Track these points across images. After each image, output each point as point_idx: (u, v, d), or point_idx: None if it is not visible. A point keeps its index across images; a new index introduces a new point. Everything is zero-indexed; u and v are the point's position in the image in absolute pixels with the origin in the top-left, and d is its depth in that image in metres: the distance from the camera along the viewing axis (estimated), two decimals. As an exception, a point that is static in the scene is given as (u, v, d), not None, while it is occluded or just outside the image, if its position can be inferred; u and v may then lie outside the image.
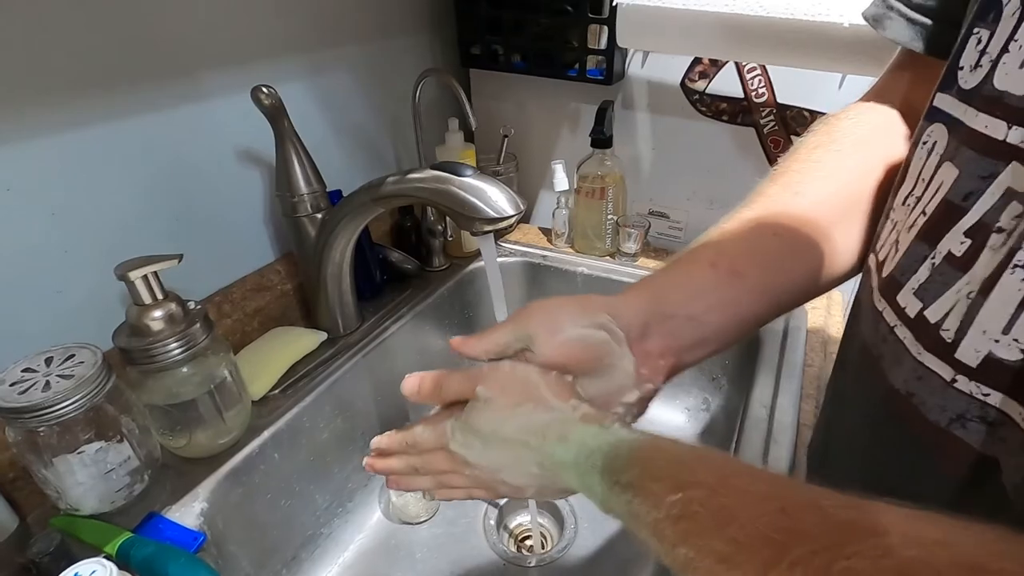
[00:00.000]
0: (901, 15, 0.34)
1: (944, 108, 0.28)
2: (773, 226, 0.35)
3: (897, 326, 0.28)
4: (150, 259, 0.43)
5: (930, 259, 0.26)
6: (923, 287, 0.26)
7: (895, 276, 0.29)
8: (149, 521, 0.44)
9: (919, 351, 0.26)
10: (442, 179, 0.46)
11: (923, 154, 0.29)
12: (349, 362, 0.63)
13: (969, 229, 0.25)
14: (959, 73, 0.27)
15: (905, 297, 0.27)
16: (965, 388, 0.24)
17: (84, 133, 0.47)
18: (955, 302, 0.24)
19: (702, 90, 0.76)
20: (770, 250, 0.35)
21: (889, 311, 0.28)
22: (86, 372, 0.40)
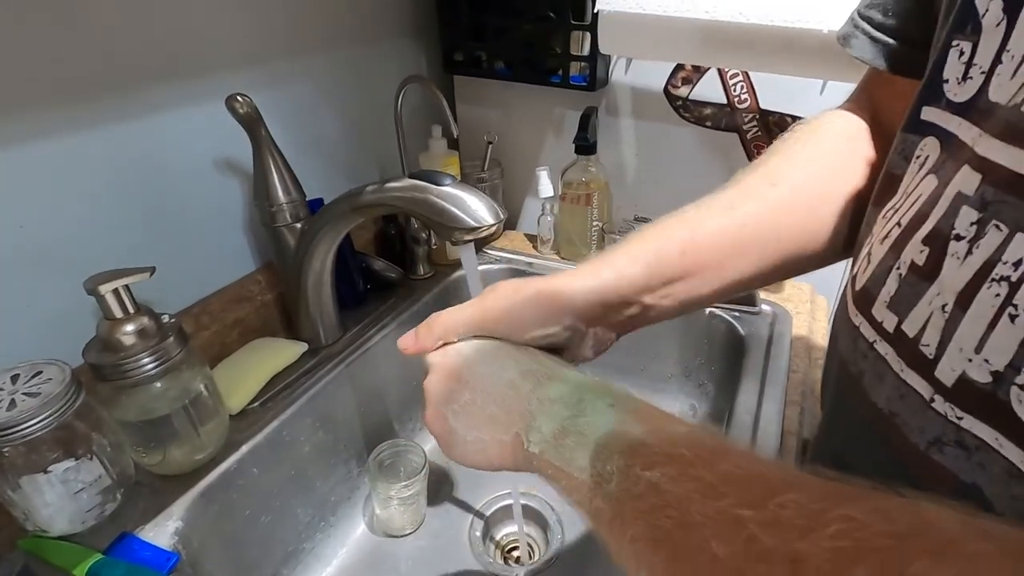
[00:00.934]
0: (865, 34, 0.35)
1: (935, 121, 0.28)
2: (744, 215, 0.35)
3: (877, 341, 0.27)
4: (121, 272, 0.42)
5: (896, 269, 0.26)
6: (894, 299, 0.26)
7: (868, 289, 0.28)
8: (121, 541, 0.42)
9: (901, 367, 0.25)
10: (420, 188, 0.45)
11: (915, 168, 0.29)
12: (331, 373, 0.62)
13: (926, 237, 0.24)
14: (945, 86, 0.27)
15: (880, 311, 0.27)
16: (941, 409, 0.23)
17: (52, 143, 0.46)
18: (929, 314, 0.24)
19: (685, 96, 0.76)
20: (740, 240, 0.35)
21: (867, 326, 0.28)
22: (53, 389, 0.39)
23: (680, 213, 0.37)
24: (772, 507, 0.19)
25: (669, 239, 0.35)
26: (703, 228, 0.35)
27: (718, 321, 0.70)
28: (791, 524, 0.18)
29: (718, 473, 0.21)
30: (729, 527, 0.19)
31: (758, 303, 0.70)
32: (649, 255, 0.34)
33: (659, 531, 0.22)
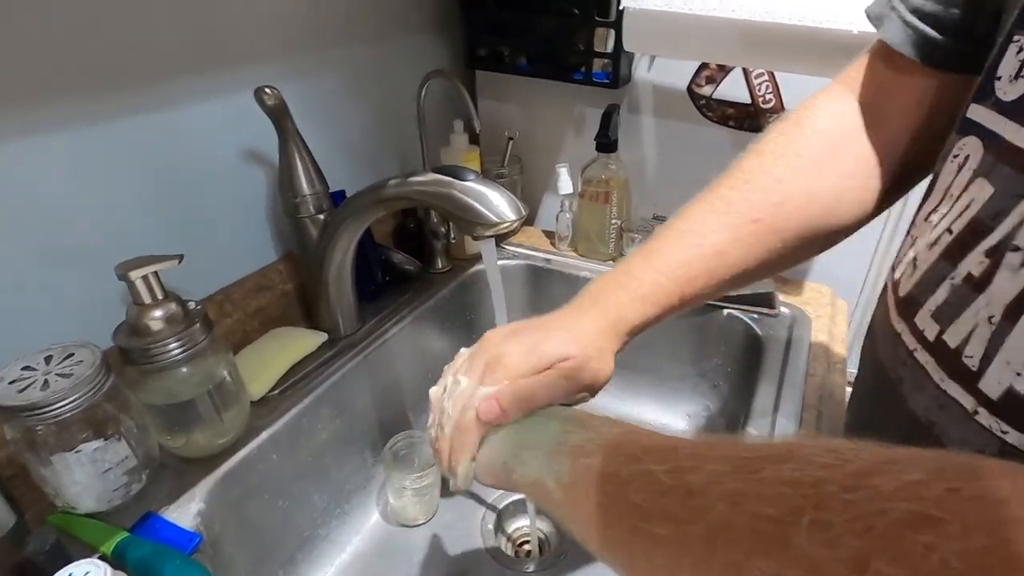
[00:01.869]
0: (900, 17, 0.34)
1: (979, 120, 0.27)
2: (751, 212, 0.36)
3: (917, 350, 0.27)
4: (150, 259, 0.43)
5: (950, 280, 0.25)
6: (940, 309, 0.26)
7: (914, 296, 0.28)
8: (146, 521, 0.44)
9: (942, 378, 0.25)
10: (443, 183, 0.46)
11: (953, 169, 0.28)
12: (349, 363, 0.63)
13: (990, 249, 0.23)
14: (996, 84, 0.26)
15: (923, 319, 0.27)
16: (985, 422, 0.23)
17: (86, 131, 0.47)
18: (974, 325, 0.23)
19: (708, 95, 0.75)
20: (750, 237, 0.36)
21: (908, 333, 0.28)
22: (85, 371, 0.40)
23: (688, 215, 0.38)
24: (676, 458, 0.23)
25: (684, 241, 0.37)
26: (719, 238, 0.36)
27: (735, 322, 0.70)
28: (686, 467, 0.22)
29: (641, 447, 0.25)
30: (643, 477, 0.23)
31: (777, 305, 0.69)
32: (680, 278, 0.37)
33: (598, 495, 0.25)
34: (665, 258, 0.37)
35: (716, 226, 0.36)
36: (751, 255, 0.36)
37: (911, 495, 0.15)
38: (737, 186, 0.37)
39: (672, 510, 0.21)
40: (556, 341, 0.35)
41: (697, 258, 0.36)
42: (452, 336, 0.79)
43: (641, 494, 0.23)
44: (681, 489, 0.21)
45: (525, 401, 0.33)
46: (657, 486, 0.22)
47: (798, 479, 0.18)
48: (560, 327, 0.36)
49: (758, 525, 0.18)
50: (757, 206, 0.36)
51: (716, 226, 0.36)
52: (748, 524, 0.18)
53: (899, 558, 0.14)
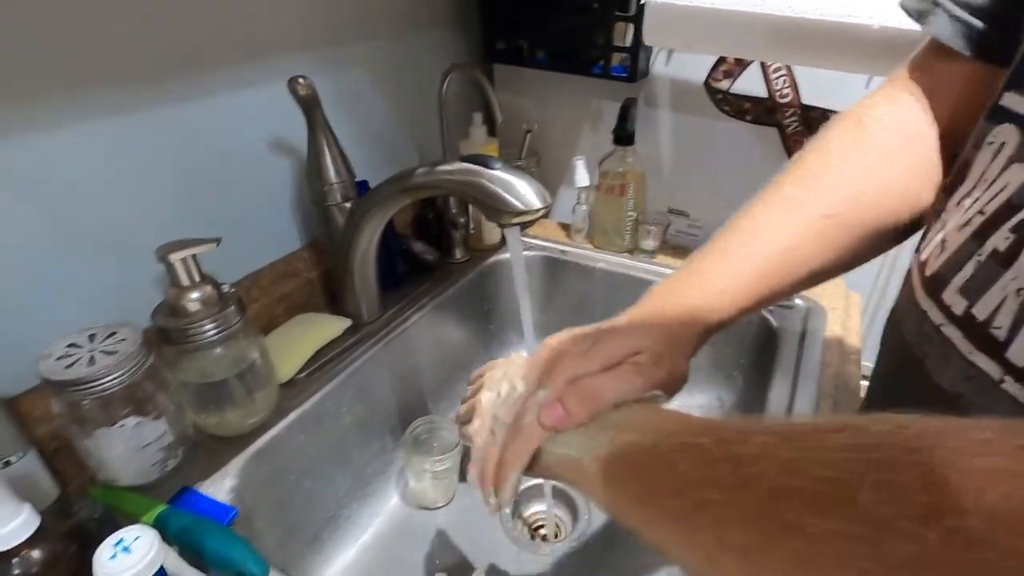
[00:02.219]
0: (946, 11, 0.34)
1: (1015, 108, 0.27)
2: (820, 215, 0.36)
3: (944, 324, 0.28)
4: (189, 242, 0.45)
5: (976, 256, 0.26)
6: (967, 284, 0.27)
7: (941, 275, 0.29)
8: (183, 494, 0.45)
9: (970, 350, 0.26)
10: (472, 171, 0.47)
11: (988, 156, 0.28)
12: (371, 350, 0.64)
13: (1016, 224, 0.24)
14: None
15: (951, 295, 0.28)
16: (1012, 390, 0.24)
17: (123, 121, 0.49)
18: (1002, 298, 0.24)
19: (726, 89, 0.76)
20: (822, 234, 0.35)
21: (935, 310, 0.29)
22: (128, 349, 0.42)
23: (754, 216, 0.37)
24: (720, 431, 0.24)
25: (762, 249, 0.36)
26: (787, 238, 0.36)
27: (750, 314, 0.71)
28: (732, 439, 0.23)
29: (682, 423, 0.26)
30: (688, 449, 0.24)
31: (792, 297, 0.70)
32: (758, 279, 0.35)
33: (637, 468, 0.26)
34: (736, 256, 0.36)
35: (786, 223, 0.35)
36: (823, 253, 0.35)
37: (983, 451, 0.15)
38: (804, 183, 0.37)
39: (722, 477, 0.21)
40: (623, 335, 0.32)
41: (769, 255, 0.35)
42: (470, 325, 0.81)
43: (688, 462, 0.23)
44: (730, 459, 0.22)
45: (591, 400, 0.30)
46: (705, 455, 0.23)
47: (856, 445, 0.18)
48: (626, 324, 0.34)
49: (817, 487, 0.18)
50: (828, 201, 0.35)
51: (786, 223, 0.35)
52: (806, 486, 0.18)
53: (975, 511, 0.14)
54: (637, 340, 0.32)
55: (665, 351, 0.32)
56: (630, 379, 0.30)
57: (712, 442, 0.23)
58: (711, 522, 0.21)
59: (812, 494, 0.18)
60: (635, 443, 0.26)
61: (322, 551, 0.60)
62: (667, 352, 0.32)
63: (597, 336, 0.33)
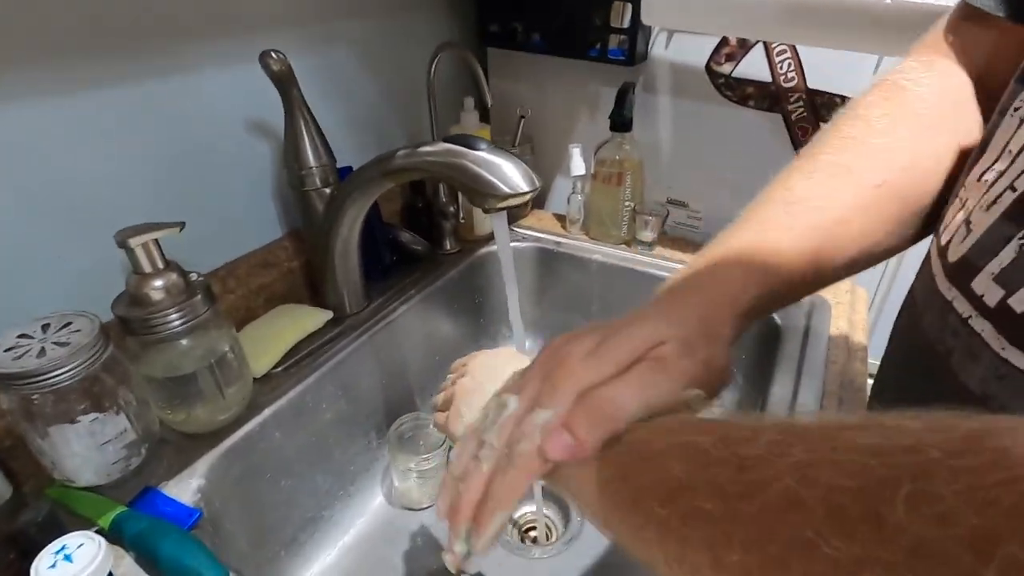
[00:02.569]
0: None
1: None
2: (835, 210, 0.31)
3: (972, 317, 0.25)
4: (151, 226, 0.42)
5: (1017, 239, 0.23)
6: (1006, 272, 0.24)
7: (969, 260, 0.26)
8: (145, 495, 0.42)
9: (1003, 345, 0.23)
10: (455, 153, 0.44)
11: (1012, 124, 0.26)
12: (355, 342, 0.61)
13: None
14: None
15: (983, 283, 0.25)
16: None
17: (88, 96, 0.46)
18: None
19: (728, 73, 0.73)
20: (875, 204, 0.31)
21: (961, 300, 0.26)
22: (82, 340, 0.39)
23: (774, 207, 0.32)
24: (721, 430, 0.20)
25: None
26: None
27: (752, 308, 0.68)
28: (736, 438, 0.19)
29: (682, 421, 0.23)
30: (685, 449, 0.21)
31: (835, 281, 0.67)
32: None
33: (627, 467, 0.22)
34: (776, 229, 0.30)
35: (834, 192, 0.30)
36: (876, 227, 0.31)
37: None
38: (847, 149, 0.32)
39: (721, 483, 0.18)
40: (639, 325, 0.26)
41: (818, 226, 0.29)
42: (460, 318, 0.78)
43: (682, 464, 0.20)
44: (732, 461, 0.18)
45: (608, 419, 0.23)
46: (702, 456, 0.19)
47: (885, 447, 0.15)
48: (641, 313, 0.27)
49: (837, 499, 0.15)
50: (880, 168, 0.31)
51: (834, 192, 0.30)
52: (823, 498, 0.15)
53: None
54: (657, 329, 0.25)
55: (697, 338, 0.25)
56: (654, 380, 0.24)
57: (711, 441, 0.20)
58: (705, 538, 0.18)
59: (830, 508, 0.15)
60: (624, 441, 0.23)
61: (300, 553, 0.57)
62: (700, 339, 0.25)
63: (607, 331, 0.26)
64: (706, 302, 0.27)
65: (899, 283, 0.80)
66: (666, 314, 0.26)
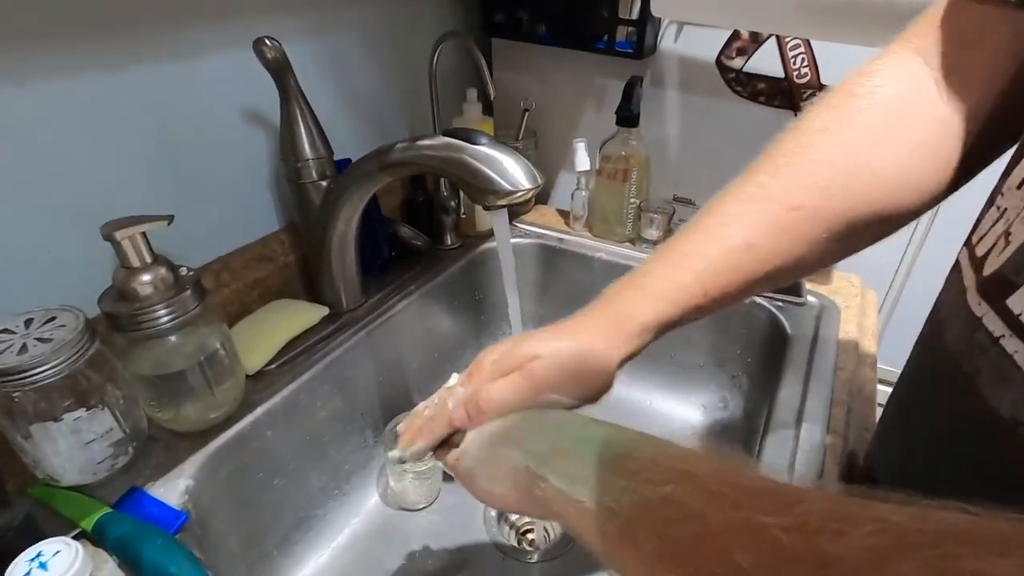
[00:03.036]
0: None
1: None
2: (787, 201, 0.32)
3: (1005, 337, 0.23)
4: (138, 219, 0.41)
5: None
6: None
7: (1006, 275, 0.24)
8: (131, 496, 0.41)
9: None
10: (454, 147, 0.42)
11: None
12: (351, 339, 0.60)
13: None
14: None
15: (1021, 301, 0.23)
16: None
17: (74, 82, 0.44)
18: None
19: (739, 68, 0.71)
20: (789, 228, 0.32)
21: (993, 317, 0.24)
22: (66, 336, 0.38)
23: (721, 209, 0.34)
24: (797, 512, 0.17)
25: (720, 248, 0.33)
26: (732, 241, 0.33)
27: (758, 311, 0.66)
28: (819, 527, 0.16)
29: (733, 485, 0.20)
30: (752, 534, 0.18)
31: (804, 294, 0.65)
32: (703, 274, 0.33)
33: (676, 544, 0.20)
34: (686, 253, 0.34)
35: (746, 216, 0.32)
36: (790, 248, 0.32)
37: None
38: (776, 172, 0.33)
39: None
40: (532, 342, 0.33)
41: (723, 252, 0.32)
42: (460, 315, 0.76)
43: (750, 556, 0.17)
44: (812, 558, 0.16)
45: (480, 412, 0.32)
46: (775, 550, 0.17)
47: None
48: (547, 329, 0.34)
49: None
50: (798, 191, 0.31)
51: (746, 216, 0.32)
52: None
53: None
54: (541, 344, 0.32)
55: (572, 355, 0.32)
56: (523, 387, 0.31)
57: (784, 525, 0.17)
58: None
59: None
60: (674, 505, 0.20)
61: (292, 553, 0.56)
62: (575, 357, 0.32)
63: (516, 342, 0.34)
64: (604, 321, 0.34)
65: (911, 286, 0.78)
66: (562, 330, 0.34)
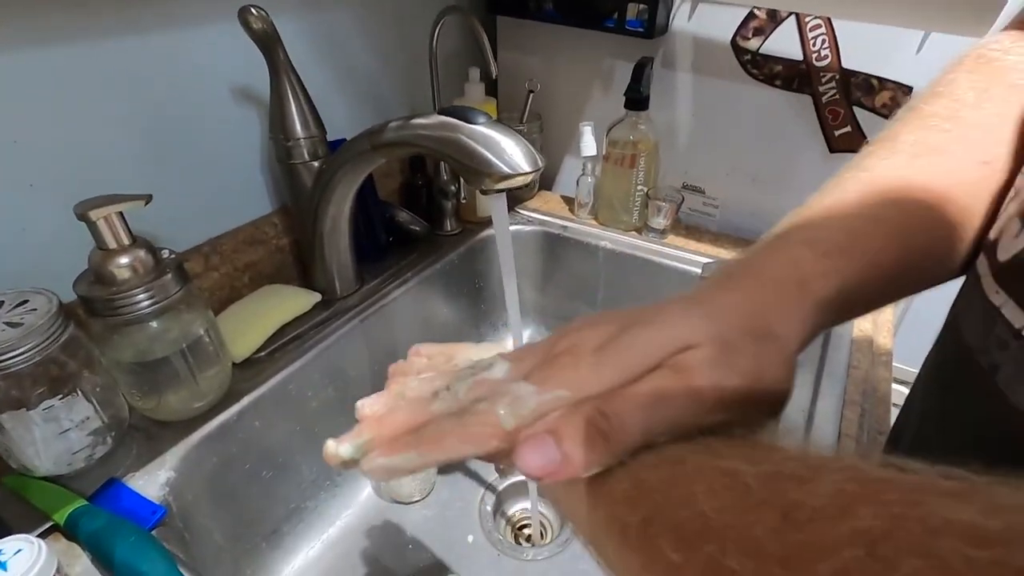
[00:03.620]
0: None
1: None
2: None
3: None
4: (114, 198, 0.38)
5: None
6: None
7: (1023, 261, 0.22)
8: (108, 488, 0.40)
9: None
10: (450, 126, 0.39)
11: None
12: (345, 327, 0.58)
13: None
14: None
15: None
16: None
17: (52, 51, 0.42)
18: None
19: (755, 49, 0.67)
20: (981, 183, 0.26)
21: (1013, 307, 0.22)
22: (36, 321, 0.36)
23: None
24: (774, 459, 0.16)
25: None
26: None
27: (769, 304, 0.64)
28: (790, 475, 0.15)
29: (722, 441, 0.18)
30: (722, 479, 0.16)
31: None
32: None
33: (643, 488, 0.18)
34: (861, 201, 0.24)
35: (928, 168, 0.25)
36: (983, 210, 0.25)
37: None
38: (936, 129, 0.26)
39: (758, 536, 0.14)
40: (666, 320, 0.20)
41: (913, 204, 0.24)
42: (458, 304, 0.74)
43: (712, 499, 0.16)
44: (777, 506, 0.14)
45: (607, 443, 0.18)
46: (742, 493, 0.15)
47: (994, 533, 0.11)
48: (675, 304, 0.21)
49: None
50: (980, 143, 0.25)
51: (928, 168, 0.25)
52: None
53: None
54: (686, 327, 0.19)
55: (741, 339, 0.19)
56: (675, 399, 0.18)
57: (755, 473, 0.15)
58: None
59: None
60: (655, 451, 0.18)
61: (282, 545, 0.54)
62: (745, 341, 0.19)
63: (629, 321, 0.20)
64: (761, 289, 0.21)
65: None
66: (704, 305, 0.20)
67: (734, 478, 0.16)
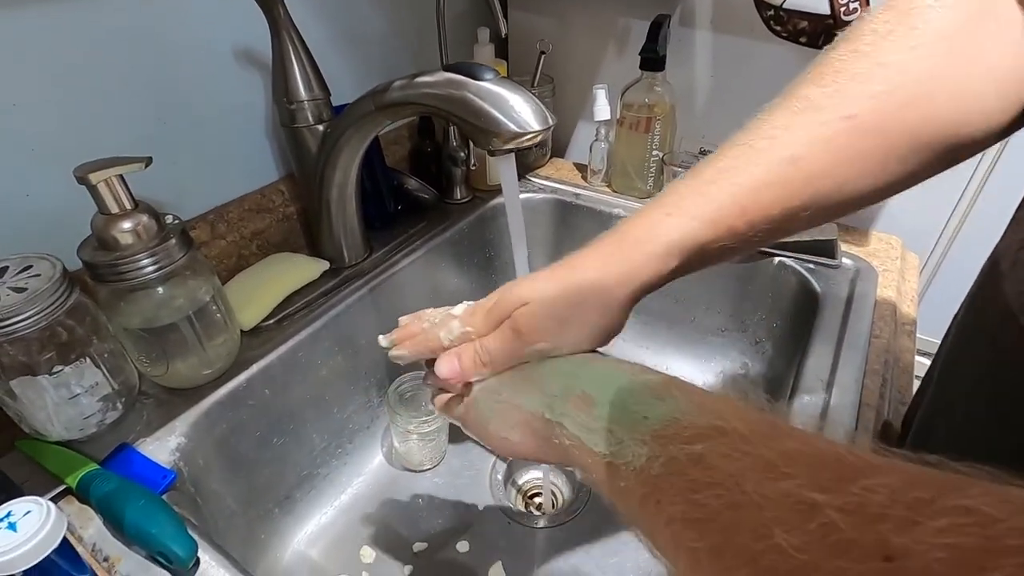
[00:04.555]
0: None
1: None
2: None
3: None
4: (114, 161, 0.38)
5: None
6: None
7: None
8: (120, 453, 0.40)
9: None
10: (456, 83, 0.38)
11: None
12: (353, 295, 0.57)
13: None
14: None
15: None
16: None
17: (51, 9, 0.41)
18: None
19: (779, 4, 0.64)
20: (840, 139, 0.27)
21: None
22: (41, 285, 0.36)
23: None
24: (855, 490, 0.15)
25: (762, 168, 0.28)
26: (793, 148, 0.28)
27: (788, 273, 0.62)
28: (882, 512, 0.14)
29: (780, 451, 0.17)
30: (798, 512, 0.15)
31: (838, 256, 0.60)
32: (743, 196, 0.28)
33: (705, 511, 0.17)
34: (720, 169, 0.29)
35: (791, 128, 0.28)
36: (843, 164, 0.27)
37: None
38: (823, 79, 0.28)
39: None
40: (522, 285, 0.30)
41: (764, 166, 0.27)
42: (468, 273, 0.73)
43: (795, 537, 0.15)
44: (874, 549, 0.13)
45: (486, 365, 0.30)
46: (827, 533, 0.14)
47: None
48: (556, 268, 0.30)
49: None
50: (851, 97, 0.26)
51: (791, 128, 0.28)
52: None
53: None
54: (530, 288, 0.29)
55: (564, 297, 0.28)
56: (503, 339, 0.29)
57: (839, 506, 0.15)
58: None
59: None
60: (704, 466, 0.18)
61: (294, 511, 0.55)
62: (569, 297, 0.28)
63: (510, 287, 0.30)
64: (610, 248, 0.29)
65: (958, 248, 0.72)
66: (560, 268, 0.30)
67: (814, 511, 0.15)
